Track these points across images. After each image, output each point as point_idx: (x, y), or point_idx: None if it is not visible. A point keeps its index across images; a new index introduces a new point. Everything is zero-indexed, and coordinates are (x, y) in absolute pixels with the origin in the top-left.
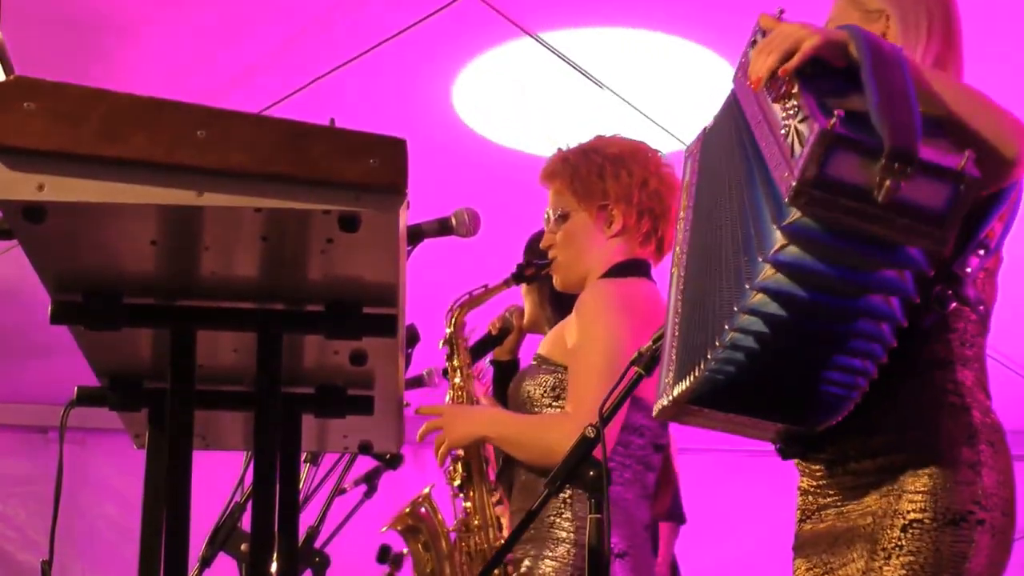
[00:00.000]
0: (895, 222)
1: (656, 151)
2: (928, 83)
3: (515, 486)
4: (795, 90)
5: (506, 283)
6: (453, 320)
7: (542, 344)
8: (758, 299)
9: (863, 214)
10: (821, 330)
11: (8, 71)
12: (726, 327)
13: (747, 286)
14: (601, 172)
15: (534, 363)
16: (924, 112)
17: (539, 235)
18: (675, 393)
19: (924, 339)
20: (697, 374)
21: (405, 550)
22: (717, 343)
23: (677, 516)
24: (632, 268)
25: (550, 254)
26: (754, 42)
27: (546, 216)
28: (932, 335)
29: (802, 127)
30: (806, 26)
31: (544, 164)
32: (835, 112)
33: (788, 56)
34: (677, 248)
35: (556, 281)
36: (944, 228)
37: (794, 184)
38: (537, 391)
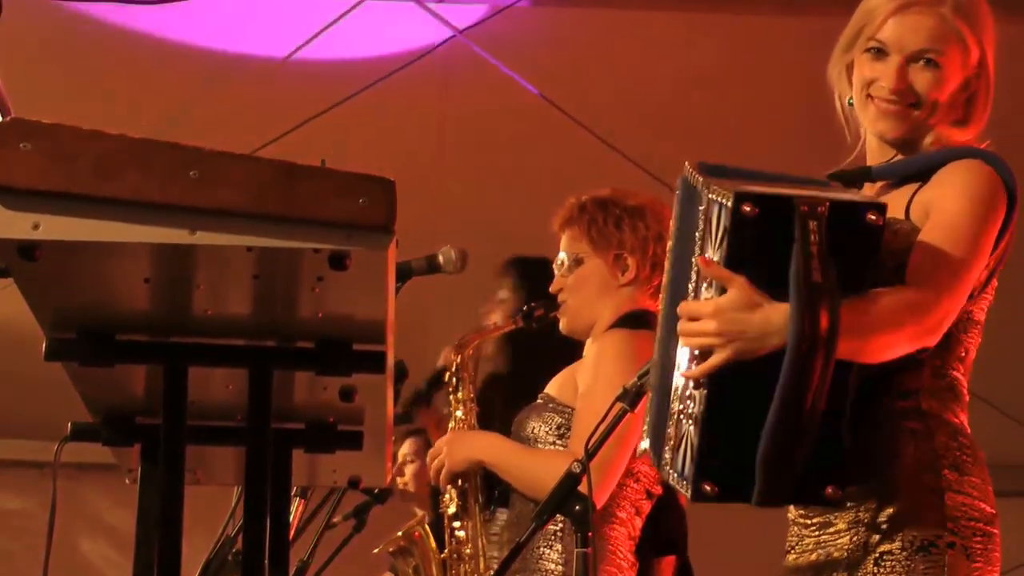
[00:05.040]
0: None
1: (668, 207)
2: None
3: (506, 518)
4: (697, 397)
5: (514, 323)
6: (460, 355)
7: (551, 384)
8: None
9: None
10: None
11: (5, 113)
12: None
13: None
14: (619, 222)
15: (540, 401)
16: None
17: None
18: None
19: (893, 373)
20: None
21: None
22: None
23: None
24: (642, 320)
25: (559, 298)
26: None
27: (559, 261)
28: (901, 368)
29: (687, 462)
30: (727, 327)
31: (559, 211)
32: (705, 487)
33: (699, 354)
34: (664, 276)
35: (562, 324)
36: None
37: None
38: (542, 429)
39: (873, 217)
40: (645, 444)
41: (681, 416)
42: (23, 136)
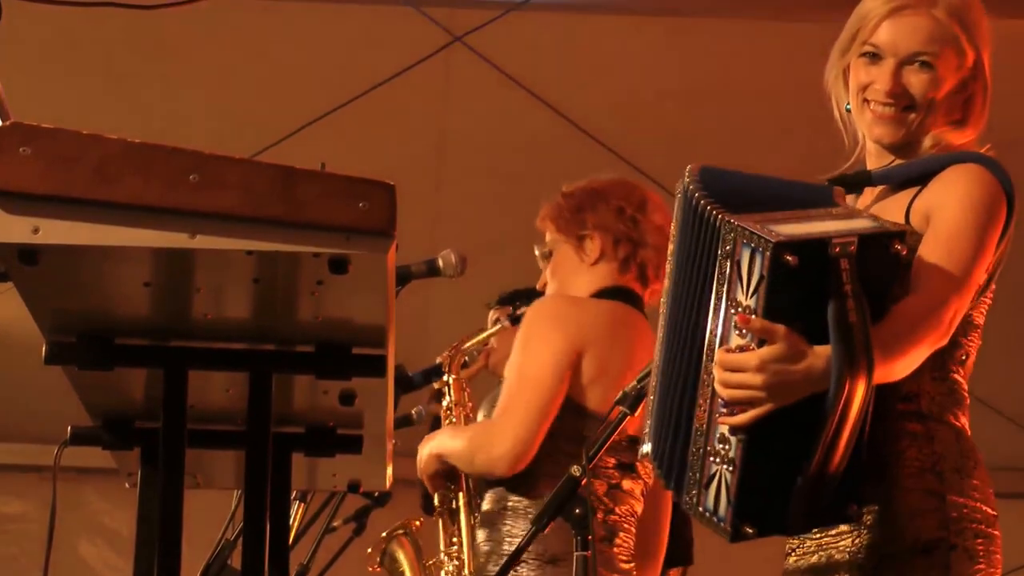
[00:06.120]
0: None
1: (637, 184)
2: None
3: (482, 516)
4: (733, 442)
5: (503, 326)
6: (451, 362)
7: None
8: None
9: None
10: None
11: (4, 117)
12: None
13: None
14: (580, 206)
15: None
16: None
17: None
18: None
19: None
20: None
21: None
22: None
23: (685, 558)
24: (614, 294)
25: (546, 292)
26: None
27: (537, 257)
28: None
29: (721, 503)
30: (773, 381)
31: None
32: (744, 529)
33: (741, 402)
34: (666, 281)
35: None
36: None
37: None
38: (491, 409)
39: (899, 247)
40: (647, 448)
41: (711, 456)
42: (23, 140)
